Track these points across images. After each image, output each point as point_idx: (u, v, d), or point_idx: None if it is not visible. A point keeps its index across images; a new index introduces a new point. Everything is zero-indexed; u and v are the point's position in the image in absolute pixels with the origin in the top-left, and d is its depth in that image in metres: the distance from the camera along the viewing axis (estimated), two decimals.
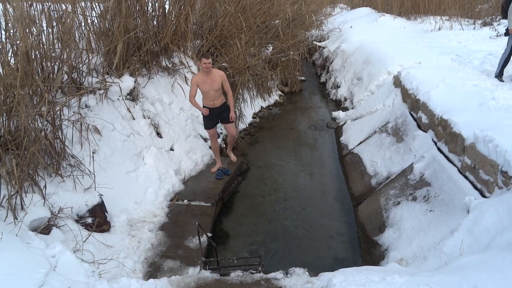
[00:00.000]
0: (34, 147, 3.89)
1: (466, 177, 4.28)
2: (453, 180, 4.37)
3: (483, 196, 3.89)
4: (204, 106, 5.81)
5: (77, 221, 4.19)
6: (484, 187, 3.94)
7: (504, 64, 6.62)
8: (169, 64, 7.43)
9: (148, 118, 6.23)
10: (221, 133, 7.80)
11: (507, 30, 6.57)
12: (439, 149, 5.03)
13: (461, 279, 2.67)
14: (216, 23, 8.70)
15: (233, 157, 6.74)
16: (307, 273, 3.62)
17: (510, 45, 6.56)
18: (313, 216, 5.58)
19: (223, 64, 8.76)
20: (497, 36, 10.53)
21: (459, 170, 4.45)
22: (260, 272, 3.82)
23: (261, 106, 10.02)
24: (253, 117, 9.34)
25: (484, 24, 12.51)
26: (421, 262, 3.72)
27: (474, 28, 12.37)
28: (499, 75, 6.64)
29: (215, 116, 5.93)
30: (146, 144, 5.82)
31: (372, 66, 9.47)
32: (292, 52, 11.16)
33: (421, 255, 3.82)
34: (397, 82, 7.35)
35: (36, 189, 4.02)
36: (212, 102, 5.77)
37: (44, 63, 4.73)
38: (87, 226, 4.23)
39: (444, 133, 4.98)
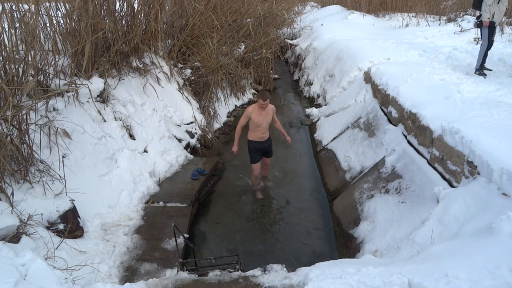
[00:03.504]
0: None
1: (435, 168, 4.42)
2: (423, 172, 4.51)
3: (451, 186, 4.03)
4: (251, 140, 5.78)
5: (48, 228, 4.05)
6: (452, 177, 4.09)
7: (484, 57, 6.58)
8: (140, 64, 7.30)
9: (120, 120, 6.11)
10: (196, 133, 7.74)
11: (480, 22, 6.53)
12: (409, 142, 5.18)
13: (432, 267, 2.76)
14: (187, 22, 8.63)
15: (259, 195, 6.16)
16: (285, 269, 3.64)
17: (485, 38, 6.57)
18: (290, 213, 5.62)
19: (195, 63, 8.70)
20: (461, 31, 10.93)
21: (428, 162, 4.59)
22: (238, 271, 3.82)
23: (235, 105, 10.01)
24: (227, 116, 9.32)
25: (449, 20, 12.96)
26: (394, 252, 3.82)
27: (439, 24, 12.80)
28: (480, 69, 6.61)
29: (262, 149, 5.86)
30: (119, 147, 5.70)
31: (343, 63, 9.63)
32: (264, 51, 11.21)
33: (395, 246, 3.92)
34: (368, 78, 7.51)
35: (3, 196, 3.87)
36: (261, 135, 5.72)
37: (7, 66, 4.55)
38: (59, 233, 4.10)
39: (413, 126, 5.13)
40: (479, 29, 6.81)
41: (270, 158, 6.17)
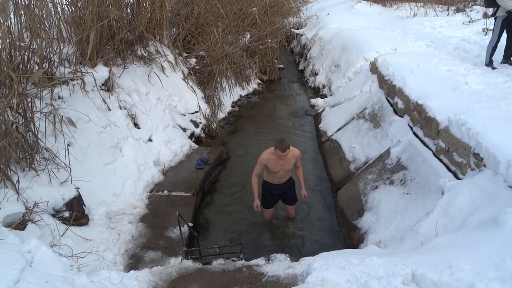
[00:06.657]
0: (5, 141, 3.76)
1: (440, 160, 4.39)
2: (428, 163, 4.48)
3: (457, 178, 4.00)
4: (266, 181, 4.87)
5: (53, 216, 4.09)
6: (457, 169, 4.06)
7: (492, 52, 6.44)
8: (145, 53, 7.27)
9: (125, 109, 6.11)
10: (200, 122, 7.74)
11: (495, 12, 6.23)
12: (414, 133, 5.14)
13: (436, 258, 2.75)
14: (192, 10, 8.56)
15: None
16: (288, 258, 3.66)
17: (496, 32, 6.35)
18: None
19: (200, 52, 8.66)
20: (469, 22, 10.75)
21: (434, 154, 4.56)
22: (242, 260, 3.84)
23: (240, 95, 9.97)
24: (232, 106, 9.29)
25: (457, 10, 12.73)
26: (398, 243, 3.82)
27: (448, 15, 12.58)
28: (490, 63, 6.46)
29: (277, 194, 4.95)
30: (124, 135, 5.72)
31: (350, 53, 9.53)
32: (270, 40, 11.11)
33: (399, 237, 3.92)
34: (374, 68, 7.44)
35: (8, 184, 3.90)
36: (278, 180, 4.80)
37: (12, 53, 4.55)
38: (64, 220, 4.14)
39: (419, 117, 5.08)
40: (493, 21, 6.56)
41: (294, 205, 5.16)
